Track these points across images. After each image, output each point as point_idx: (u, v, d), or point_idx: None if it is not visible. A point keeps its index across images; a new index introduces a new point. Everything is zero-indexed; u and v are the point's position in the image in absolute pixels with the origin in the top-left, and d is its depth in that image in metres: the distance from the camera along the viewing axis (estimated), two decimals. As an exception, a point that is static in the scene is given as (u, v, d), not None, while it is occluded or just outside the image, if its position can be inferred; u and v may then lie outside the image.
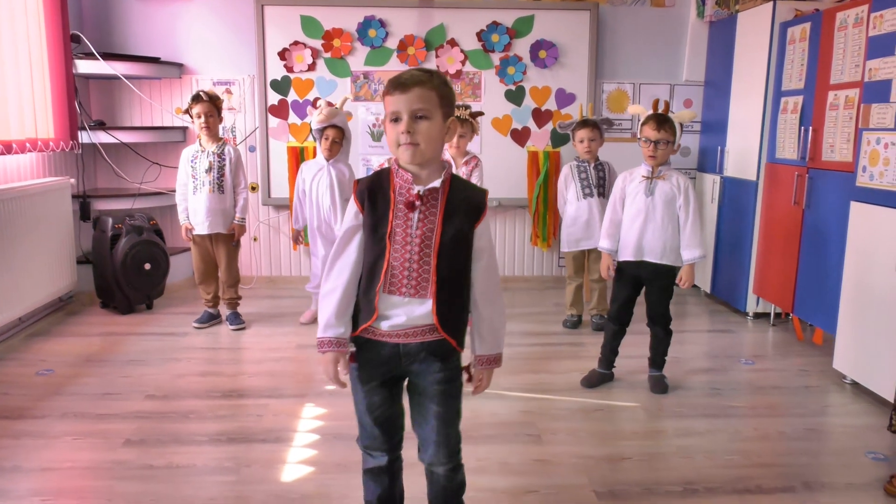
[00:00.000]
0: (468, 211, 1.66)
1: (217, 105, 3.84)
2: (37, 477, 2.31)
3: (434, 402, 1.71)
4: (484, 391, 1.78)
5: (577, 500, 2.20)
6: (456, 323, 1.69)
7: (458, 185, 1.70)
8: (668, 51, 5.01)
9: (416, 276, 1.64)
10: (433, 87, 1.60)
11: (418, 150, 1.60)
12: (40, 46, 3.96)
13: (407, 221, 1.64)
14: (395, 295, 1.65)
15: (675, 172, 2.99)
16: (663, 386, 3.10)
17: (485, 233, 1.70)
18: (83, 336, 3.82)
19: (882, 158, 2.92)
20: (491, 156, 4.96)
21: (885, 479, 2.31)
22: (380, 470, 1.82)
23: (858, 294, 3.09)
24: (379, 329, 1.68)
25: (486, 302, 1.72)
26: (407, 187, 1.65)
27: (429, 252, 1.63)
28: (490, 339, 1.75)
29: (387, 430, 1.77)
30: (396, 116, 1.60)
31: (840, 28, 3.40)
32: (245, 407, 2.89)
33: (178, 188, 3.93)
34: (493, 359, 1.76)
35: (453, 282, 1.67)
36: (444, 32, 4.84)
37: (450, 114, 1.66)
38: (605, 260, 3.14)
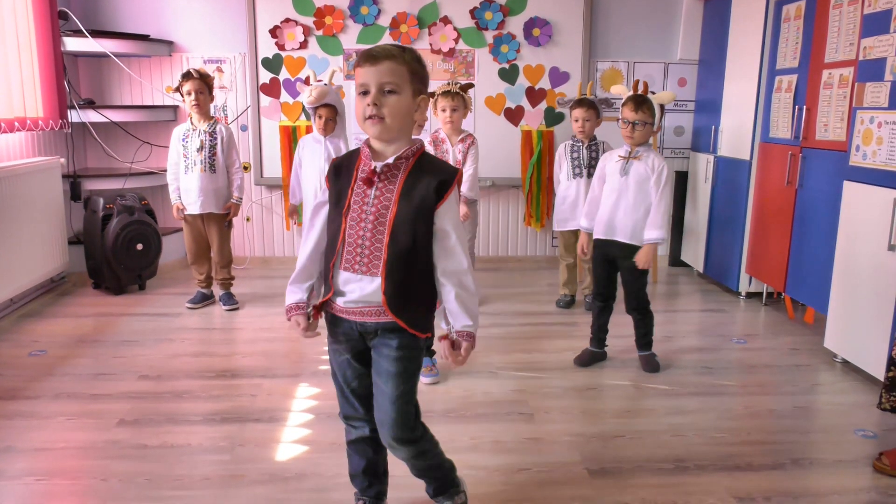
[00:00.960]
0: (430, 189, 1.61)
1: (208, 83, 3.79)
2: (30, 457, 2.31)
3: (384, 382, 1.69)
4: (461, 366, 1.75)
5: (569, 478, 2.22)
6: (408, 304, 1.65)
7: (427, 163, 1.66)
8: (663, 29, 4.98)
9: (369, 253, 1.63)
10: (404, 62, 1.58)
11: (384, 124, 1.58)
12: (27, 23, 3.90)
13: (364, 197, 1.63)
14: (349, 271, 1.65)
15: (652, 153, 2.99)
16: (654, 364, 3.11)
17: (448, 214, 1.64)
18: (75, 317, 3.81)
19: (875, 137, 2.92)
20: (484, 135, 4.93)
21: (874, 455, 2.34)
22: (363, 440, 1.83)
23: (850, 274, 3.10)
24: (336, 304, 1.69)
25: (452, 283, 1.67)
26: (367, 163, 1.64)
27: (382, 230, 1.61)
28: (461, 316, 1.68)
29: (366, 402, 1.78)
30: (365, 89, 1.59)
31: (835, 6, 3.38)
32: (239, 387, 2.90)
33: (169, 167, 3.89)
34: (466, 335, 1.68)
35: (409, 262, 1.63)
36: (437, 10, 4.79)
37: (421, 91, 1.63)
38: (581, 238, 3.20)
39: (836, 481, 2.23)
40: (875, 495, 2.15)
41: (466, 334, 1.69)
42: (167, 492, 2.11)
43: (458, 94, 3.61)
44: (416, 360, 1.73)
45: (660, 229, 2.93)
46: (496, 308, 4.03)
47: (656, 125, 2.98)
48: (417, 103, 1.63)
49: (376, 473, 1.89)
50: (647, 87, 3.07)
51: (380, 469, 1.90)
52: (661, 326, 3.69)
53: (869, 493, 2.16)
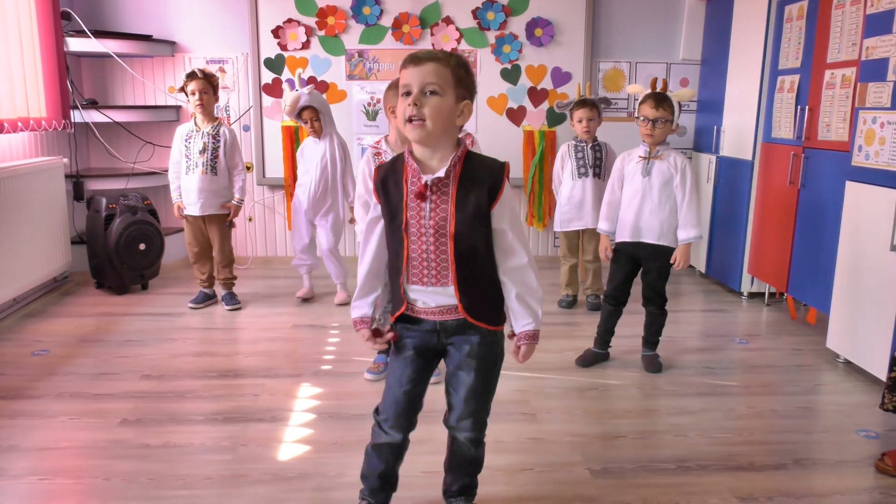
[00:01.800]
0: (482, 193, 1.61)
1: (212, 83, 3.78)
2: (33, 456, 2.31)
3: (467, 374, 1.73)
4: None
5: (571, 478, 2.22)
6: (485, 306, 1.70)
7: (473, 164, 1.64)
8: (665, 29, 4.98)
9: (435, 265, 1.64)
10: (448, 66, 1.58)
11: (425, 126, 1.57)
12: (30, 24, 3.91)
13: (420, 212, 1.62)
14: (419, 284, 1.66)
15: (672, 152, 2.97)
16: (657, 365, 3.11)
17: (504, 212, 1.64)
18: (78, 316, 3.82)
19: (878, 138, 2.91)
20: (486, 135, 4.94)
21: (876, 456, 2.34)
22: (390, 447, 1.83)
23: (852, 274, 3.10)
24: (415, 307, 1.70)
25: (513, 281, 1.70)
26: (416, 176, 1.62)
27: (445, 241, 1.62)
28: (523, 316, 1.72)
29: (411, 407, 1.78)
30: (407, 90, 1.58)
31: (837, 6, 3.38)
32: (241, 386, 2.90)
33: (170, 166, 3.89)
34: (532, 335, 1.73)
35: (476, 267, 1.66)
36: (439, 10, 4.79)
37: (465, 97, 1.61)
38: (603, 241, 3.15)
39: (839, 482, 2.22)
40: (877, 496, 2.15)
41: (526, 335, 1.73)
42: (169, 491, 2.11)
43: None
44: (498, 351, 1.77)
45: (695, 227, 2.92)
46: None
47: (675, 123, 2.97)
48: (461, 109, 1.61)
49: (389, 480, 1.90)
50: (666, 84, 3.05)
51: (393, 477, 1.90)
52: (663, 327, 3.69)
53: (871, 494, 2.16)
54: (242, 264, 4.92)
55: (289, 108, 3.67)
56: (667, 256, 2.99)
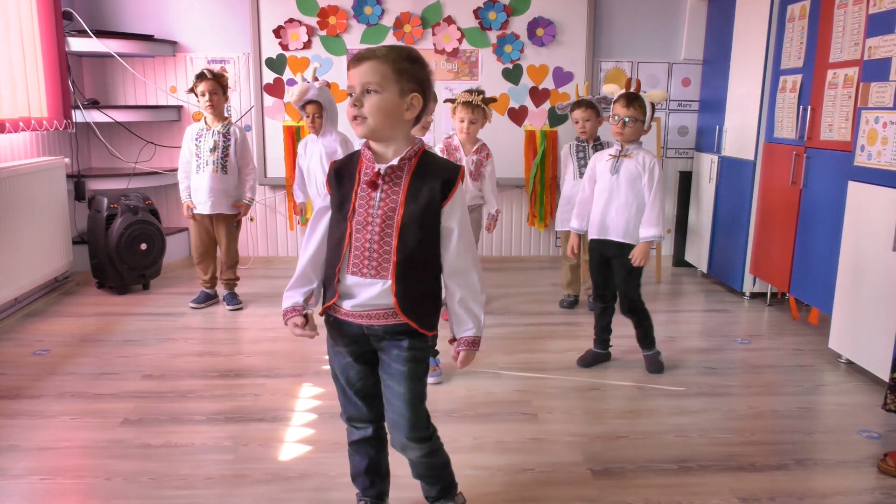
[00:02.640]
0: (435, 189, 1.61)
1: (222, 83, 3.80)
2: (34, 456, 2.31)
3: (396, 383, 1.70)
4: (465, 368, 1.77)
5: (572, 478, 2.21)
6: (420, 305, 1.66)
7: (429, 161, 1.65)
8: (667, 29, 4.97)
9: (377, 256, 1.62)
10: (388, 61, 1.57)
11: (366, 124, 1.58)
12: (32, 24, 3.91)
13: (369, 201, 1.62)
14: (357, 276, 1.64)
15: (642, 151, 2.98)
16: (658, 364, 3.11)
17: (454, 212, 1.64)
18: (79, 316, 3.82)
19: (880, 138, 2.91)
20: (488, 135, 4.92)
21: (878, 456, 2.33)
22: (365, 441, 1.83)
23: (855, 274, 3.09)
24: (342, 308, 1.68)
25: (457, 283, 1.69)
26: (370, 165, 1.63)
27: (390, 232, 1.61)
28: (465, 322, 1.71)
29: (370, 402, 1.78)
30: (351, 90, 1.60)
31: (840, 6, 3.37)
32: (242, 386, 2.90)
33: (180, 165, 3.91)
34: (472, 341, 1.71)
35: (417, 263, 1.63)
36: (441, 10, 4.79)
37: (413, 89, 1.60)
38: (571, 238, 3.20)
39: (840, 482, 2.22)
40: (879, 496, 2.15)
41: (466, 341, 1.71)
42: (171, 491, 2.11)
43: (478, 106, 3.61)
44: (426, 359, 1.74)
45: (655, 227, 2.91)
46: (500, 308, 4.03)
47: (647, 124, 2.97)
48: (409, 102, 1.60)
49: (378, 473, 1.89)
50: (640, 85, 3.07)
51: (382, 469, 1.90)
52: (664, 327, 3.69)
53: (873, 494, 2.16)
54: (244, 264, 4.91)
55: (296, 96, 3.66)
56: (629, 254, 2.98)
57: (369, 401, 1.78)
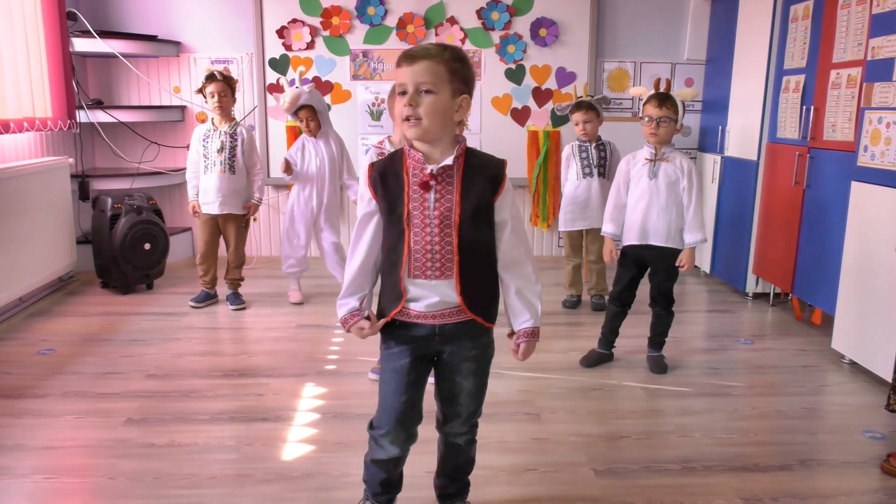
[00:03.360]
0: (486, 184, 1.62)
1: (231, 85, 3.83)
2: (39, 455, 2.32)
3: (465, 379, 1.73)
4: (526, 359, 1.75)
5: (575, 478, 2.22)
6: (484, 301, 1.68)
7: (475, 157, 1.65)
8: (670, 29, 4.97)
9: (440, 257, 1.61)
10: (442, 61, 1.56)
11: (421, 125, 1.56)
12: (36, 24, 3.92)
13: (423, 203, 1.61)
14: (421, 278, 1.62)
15: (678, 154, 2.96)
16: (662, 366, 3.11)
17: (506, 204, 1.65)
18: (84, 316, 3.83)
19: (884, 138, 2.90)
20: (490, 135, 4.95)
21: (882, 457, 2.33)
22: (388, 462, 1.80)
23: (858, 274, 3.09)
24: (412, 311, 1.66)
25: (512, 275, 1.69)
26: (419, 167, 1.61)
27: (449, 232, 1.60)
28: (522, 313, 1.71)
29: (413, 415, 1.74)
30: (403, 89, 1.57)
31: (843, 6, 3.37)
32: (246, 386, 2.91)
33: (189, 166, 3.94)
34: (531, 332, 1.71)
35: (478, 259, 1.65)
36: (444, 10, 4.79)
37: (462, 91, 1.60)
38: (607, 244, 3.10)
39: (844, 483, 2.22)
40: (883, 497, 2.14)
41: (525, 332, 1.71)
42: (174, 490, 2.12)
43: None
44: (491, 352, 1.77)
45: (700, 231, 2.92)
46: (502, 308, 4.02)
47: (679, 123, 2.96)
48: (458, 103, 1.60)
49: (392, 484, 1.88)
50: (669, 84, 3.04)
51: (395, 479, 1.89)
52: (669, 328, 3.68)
53: (876, 495, 2.15)
54: (248, 264, 4.92)
55: (288, 104, 3.68)
56: (673, 258, 2.99)
57: (411, 414, 1.74)
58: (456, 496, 1.94)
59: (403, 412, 1.72)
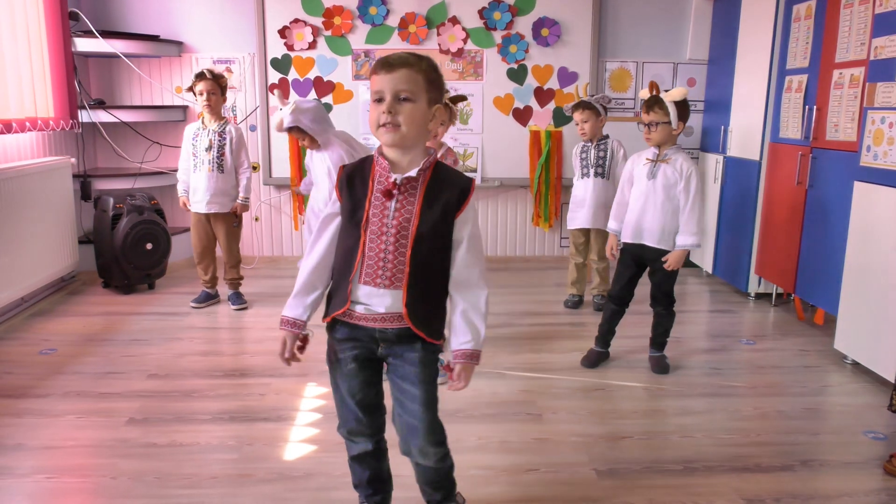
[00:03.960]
0: (449, 200, 1.60)
1: (220, 84, 3.81)
2: (40, 455, 2.32)
3: (414, 386, 1.67)
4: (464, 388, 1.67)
5: (577, 479, 2.21)
6: (429, 315, 1.65)
7: (443, 172, 1.64)
8: (672, 29, 4.96)
9: (391, 266, 1.60)
10: (420, 70, 1.56)
11: (399, 132, 1.56)
12: (38, 24, 3.93)
13: (383, 210, 1.60)
14: (370, 285, 1.61)
15: (681, 156, 2.95)
16: (664, 366, 3.10)
17: (466, 223, 1.63)
18: (85, 315, 3.83)
19: (886, 138, 2.90)
20: (492, 135, 4.95)
21: (884, 457, 2.33)
22: (366, 455, 1.80)
23: (860, 275, 3.08)
24: (355, 312, 1.65)
25: (461, 293, 1.65)
26: (385, 174, 1.61)
27: (404, 243, 1.59)
28: (465, 333, 1.65)
29: (370, 413, 1.74)
30: (380, 96, 1.57)
31: (846, 5, 3.36)
32: (247, 386, 2.91)
33: (180, 164, 3.94)
34: (469, 354, 1.65)
35: (429, 273, 1.63)
36: (446, 10, 4.79)
37: (437, 100, 1.61)
38: (610, 240, 3.15)
39: (846, 483, 2.21)
40: (885, 497, 2.14)
41: (464, 353, 1.65)
42: (175, 490, 2.12)
43: (446, 104, 3.45)
44: (436, 363, 1.72)
45: (693, 235, 2.90)
46: (504, 308, 4.03)
47: (674, 123, 2.94)
48: (433, 112, 1.60)
49: (381, 480, 1.88)
50: (658, 86, 3.04)
51: (384, 475, 1.88)
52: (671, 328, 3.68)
53: (878, 496, 2.15)
54: (249, 264, 4.93)
55: (276, 126, 3.61)
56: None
57: (370, 412, 1.74)
58: (441, 501, 1.89)
59: (360, 412, 1.73)
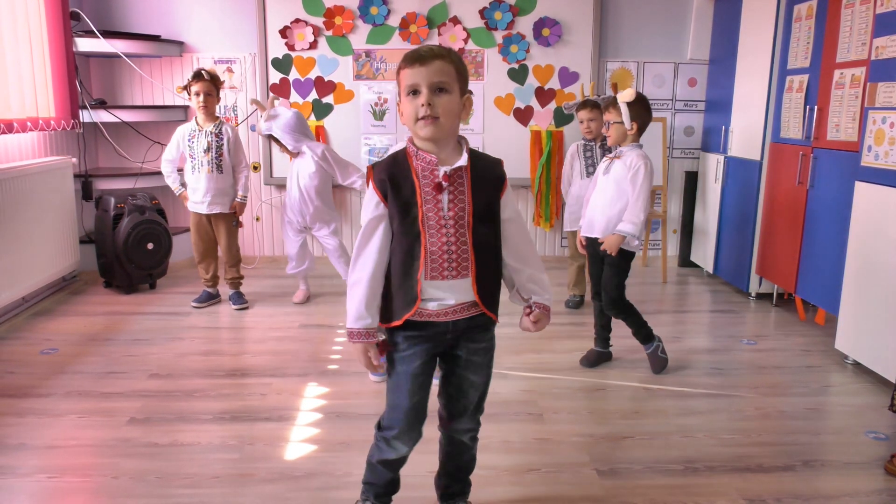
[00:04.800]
0: (491, 183, 1.66)
1: (217, 85, 3.82)
2: (42, 454, 2.33)
3: (475, 374, 1.75)
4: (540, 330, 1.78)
5: (578, 479, 2.21)
6: (494, 296, 1.71)
7: (478, 158, 1.67)
8: (673, 29, 4.96)
9: (456, 257, 1.62)
10: (451, 62, 1.58)
11: (438, 123, 1.56)
12: (40, 24, 3.93)
13: (437, 204, 1.61)
14: (438, 279, 1.62)
15: (634, 152, 2.97)
16: (660, 361, 3.08)
17: (510, 201, 1.69)
18: (87, 315, 3.83)
19: (888, 138, 2.90)
20: (493, 135, 4.95)
21: (886, 458, 2.33)
22: (399, 461, 1.81)
23: (861, 275, 3.08)
24: (426, 309, 1.65)
25: (524, 263, 1.73)
26: (430, 169, 1.61)
27: (464, 232, 1.62)
28: (539, 292, 1.74)
29: (421, 418, 1.75)
30: (415, 89, 1.56)
31: (847, 5, 3.36)
32: (248, 386, 2.91)
33: (163, 163, 3.93)
34: (544, 306, 1.75)
35: (489, 257, 1.67)
36: (447, 10, 4.79)
37: (465, 90, 1.63)
38: (579, 234, 3.20)
39: (847, 483, 2.21)
40: (887, 497, 2.14)
41: (542, 305, 1.75)
42: (177, 490, 2.12)
43: None
44: (494, 345, 1.80)
45: (631, 224, 2.90)
46: (505, 308, 4.01)
47: (627, 123, 2.95)
48: (463, 102, 1.62)
49: (394, 484, 1.90)
50: (616, 88, 3.11)
51: (398, 480, 1.90)
52: (670, 327, 3.69)
53: (880, 496, 2.15)
54: (250, 264, 4.93)
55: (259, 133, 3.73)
56: (616, 255, 2.97)
57: (421, 417, 1.75)
58: (458, 496, 1.94)
59: (416, 413, 1.74)
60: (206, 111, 3.80)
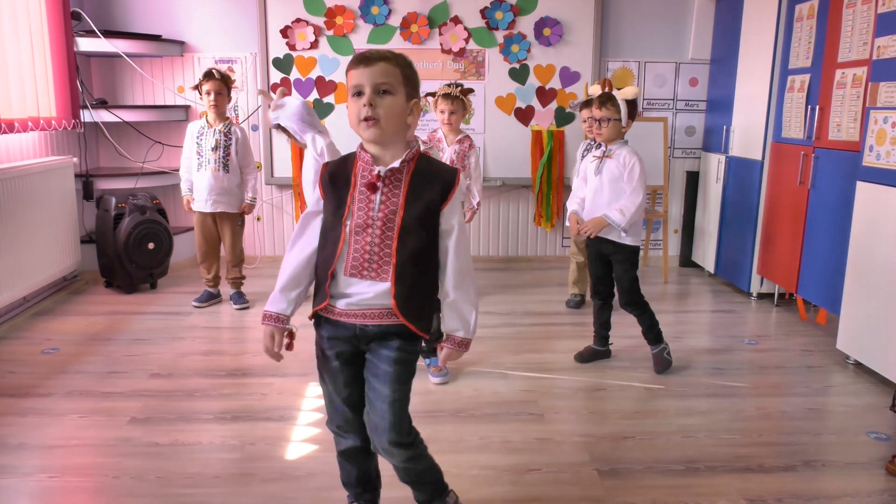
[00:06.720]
0: (435, 191, 1.62)
1: (228, 84, 3.83)
2: (43, 454, 2.33)
3: (383, 385, 1.66)
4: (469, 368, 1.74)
5: (579, 479, 2.21)
6: (419, 307, 1.65)
7: (427, 164, 1.65)
8: (674, 28, 4.96)
9: (378, 258, 1.60)
10: (397, 65, 1.59)
11: (379, 125, 1.57)
12: (41, 24, 3.93)
13: (369, 203, 1.61)
14: (356, 277, 1.62)
15: (625, 150, 2.98)
16: (666, 362, 3.09)
17: (454, 213, 1.65)
18: (88, 315, 3.83)
19: (889, 138, 2.89)
20: (494, 135, 4.95)
21: (887, 458, 2.32)
22: (354, 451, 1.80)
23: (863, 275, 3.08)
24: (336, 308, 1.66)
25: (452, 285, 1.67)
26: (368, 168, 1.62)
27: (391, 234, 1.60)
28: (455, 321, 1.70)
29: (359, 410, 1.74)
30: (359, 90, 1.58)
31: (848, 5, 3.36)
32: (249, 385, 2.91)
33: (182, 161, 3.94)
34: (459, 342, 1.70)
35: (417, 265, 1.62)
36: (448, 10, 4.79)
37: (413, 95, 1.62)
38: (570, 217, 3.16)
39: (849, 484, 2.21)
40: (888, 498, 2.14)
41: (455, 340, 1.70)
42: (178, 489, 2.12)
43: (457, 97, 3.63)
44: (413, 363, 1.72)
45: (622, 214, 2.91)
46: (506, 308, 4.03)
47: (624, 121, 2.97)
48: (410, 107, 1.62)
49: (369, 479, 1.88)
50: (611, 84, 3.08)
51: (372, 474, 1.88)
52: (671, 327, 3.69)
53: (881, 496, 2.15)
54: (251, 264, 4.93)
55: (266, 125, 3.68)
56: (624, 252, 2.99)
57: (357, 410, 1.75)
58: (429, 502, 1.88)
59: (349, 405, 1.74)
60: (216, 110, 3.80)
